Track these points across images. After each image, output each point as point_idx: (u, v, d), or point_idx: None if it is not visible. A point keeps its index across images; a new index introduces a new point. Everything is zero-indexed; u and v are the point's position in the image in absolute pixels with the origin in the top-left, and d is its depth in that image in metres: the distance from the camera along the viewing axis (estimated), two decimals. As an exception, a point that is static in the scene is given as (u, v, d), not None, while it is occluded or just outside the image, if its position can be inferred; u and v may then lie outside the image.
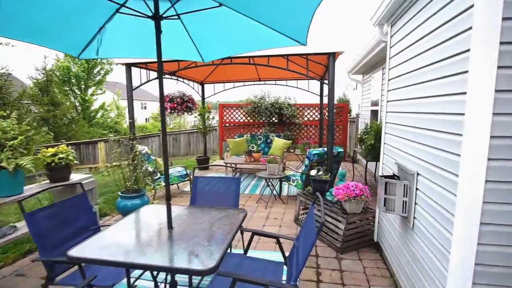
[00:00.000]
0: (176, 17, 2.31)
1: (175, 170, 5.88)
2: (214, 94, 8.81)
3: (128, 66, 5.19)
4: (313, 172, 4.22)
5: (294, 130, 10.04)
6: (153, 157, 5.52)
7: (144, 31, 2.46)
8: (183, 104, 6.99)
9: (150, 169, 5.22)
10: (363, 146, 6.19)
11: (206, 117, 8.56)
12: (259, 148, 8.29)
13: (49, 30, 2.19)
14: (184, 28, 2.67)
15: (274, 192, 5.48)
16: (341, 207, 3.65)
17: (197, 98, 8.88)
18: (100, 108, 22.41)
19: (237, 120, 10.45)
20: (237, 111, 10.43)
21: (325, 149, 4.85)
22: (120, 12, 2.22)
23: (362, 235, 3.60)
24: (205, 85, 8.85)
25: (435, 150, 2.04)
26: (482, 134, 1.57)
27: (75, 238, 2.43)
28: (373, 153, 5.25)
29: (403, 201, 2.45)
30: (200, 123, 8.47)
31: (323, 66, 6.40)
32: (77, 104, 21.15)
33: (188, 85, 7.97)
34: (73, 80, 20.75)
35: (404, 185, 2.44)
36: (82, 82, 21.16)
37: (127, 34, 2.69)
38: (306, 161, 4.88)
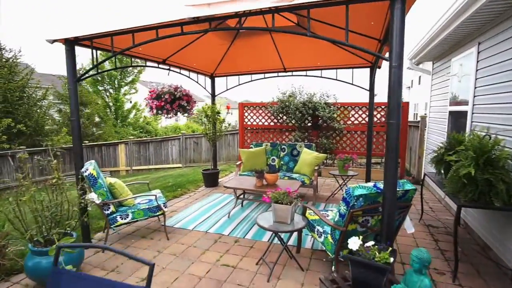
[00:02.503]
0: None
1: (144, 199, 4.01)
2: (227, 89, 6.85)
3: (70, 43, 3.42)
4: (354, 244, 1.98)
5: (332, 138, 7.67)
6: (108, 181, 3.70)
7: None
8: (175, 102, 5.12)
9: (96, 200, 3.41)
10: (443, 172, 3.72)
11: (216, 119, 6.64)
12: (282, 163, 6.12)
13: None
14: None
15: (289, 243, 3.30)
16: None
17: (206, 94, 7.01)
18: (133, 107, 21.95)
19: (260, 124, 8.42)
20: (260, 111, 8.40)
21: (379, 184, 2.56)
22: None
23: None
24: (216, 79, 6.93)
25: None
26: None
27: None
28: (473, 192, 2.80)
29: None
30: (207, 127, 6.58)
31: (376, 41, 4.06)
32: (110, 104, 20.98)
33: (189, 77, 6.11)
34: (107, 79, 20.66)
35: None
36: (116, 81, 20.98)
37: None
38: (342, 208, 2.62)
